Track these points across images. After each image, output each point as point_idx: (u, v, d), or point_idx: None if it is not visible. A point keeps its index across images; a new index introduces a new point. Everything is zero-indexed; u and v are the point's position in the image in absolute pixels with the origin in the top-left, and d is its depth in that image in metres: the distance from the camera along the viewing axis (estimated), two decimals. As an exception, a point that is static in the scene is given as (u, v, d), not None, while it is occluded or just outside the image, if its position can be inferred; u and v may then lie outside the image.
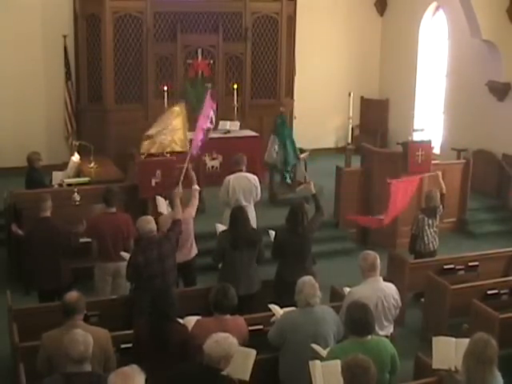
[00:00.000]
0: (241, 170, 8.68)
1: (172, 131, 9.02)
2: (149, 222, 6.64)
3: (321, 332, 5.34)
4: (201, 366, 4.51)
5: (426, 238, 8.43)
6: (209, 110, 8.48)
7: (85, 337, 4.48)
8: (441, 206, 8.55)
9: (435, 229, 8.53)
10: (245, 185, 8.60)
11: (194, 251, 7.86)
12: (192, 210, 7.84)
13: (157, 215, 7.85)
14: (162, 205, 8.27)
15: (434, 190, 8.60)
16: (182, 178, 7.86)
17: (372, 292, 5.74)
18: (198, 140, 8.40)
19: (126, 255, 6.95)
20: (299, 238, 7.07)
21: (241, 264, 6.94)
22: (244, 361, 4.80)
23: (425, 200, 8.68)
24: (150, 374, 4.07)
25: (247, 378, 4.81)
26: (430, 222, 8.44)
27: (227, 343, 4.48)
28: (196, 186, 8.09)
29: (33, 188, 9.09)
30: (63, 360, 4.61)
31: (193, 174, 8.22)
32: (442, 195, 8.59)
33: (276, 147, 10.03)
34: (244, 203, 8.36)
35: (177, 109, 9.09)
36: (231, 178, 8.62)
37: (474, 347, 4.40)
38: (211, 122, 8.58)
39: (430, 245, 8.48)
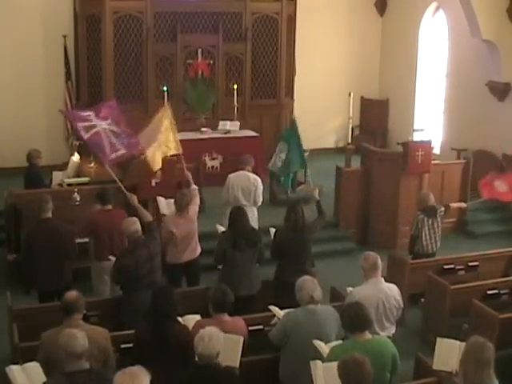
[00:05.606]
0: (243, 169, 8.69)
1: (163, 140, 8.59)
2: (134, 223, 6.63)
3: (323, 332, 5.34)
4: (199, 366, 4.52)
5: (424, 240, 8.21)
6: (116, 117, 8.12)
7: (81, 332, 4.53)
8: (442, 208, 8.42)
9: (437, 230, 8.28)
10: (243, 183, 8.59)
11: (199, 250, 7.81)
12: (196, 208, 7.84)
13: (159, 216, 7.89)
14: (164, 205, 8.28)
15: (425, 193, 8.53)
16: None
17: (373, 293, 5.74)
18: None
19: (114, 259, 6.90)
20: (297, 237, 7.07)
21: (242, 264, 6.93)
22: (233, 348, 4.82)
23: (419, 202, 8.43)
24: (151, 376, 4.07)
25: (237, 364, 4.83)
26: (430, 222, 8.21)
27: (214, 337, 4.50)
28: (194, 186, 8.16)
29: (31, 184, 9.09)
30: (62, 359, 4.59)
31: (188, 173, 8.34)
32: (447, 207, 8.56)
33: (283, 155, 9.47)
34: (243, 202, 8.36)
35: (159, 115, 8.67)
36: (232, 175, 8.68)
37: (470, 350, 4.38)
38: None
39: (429, 246, 8.26)
